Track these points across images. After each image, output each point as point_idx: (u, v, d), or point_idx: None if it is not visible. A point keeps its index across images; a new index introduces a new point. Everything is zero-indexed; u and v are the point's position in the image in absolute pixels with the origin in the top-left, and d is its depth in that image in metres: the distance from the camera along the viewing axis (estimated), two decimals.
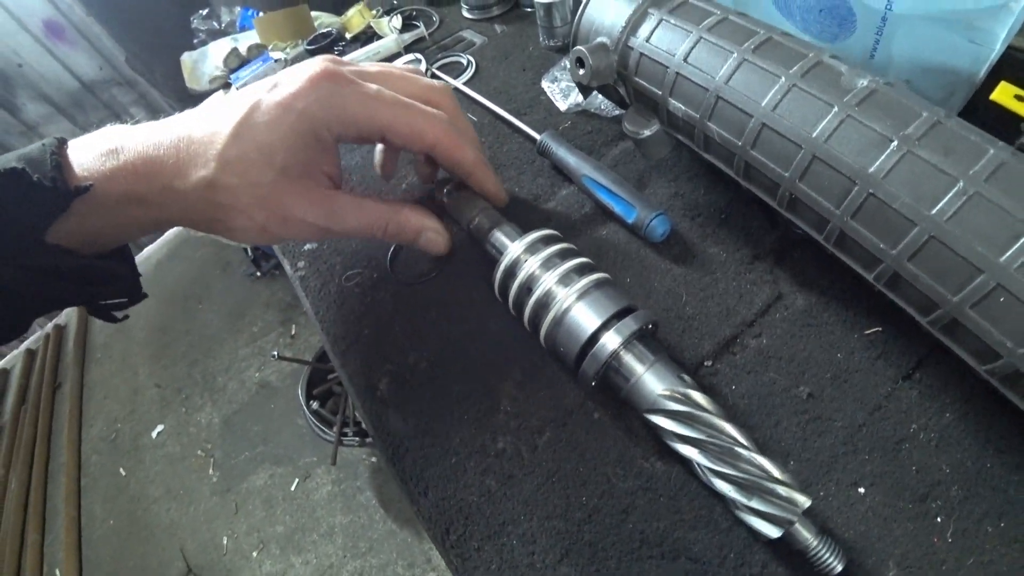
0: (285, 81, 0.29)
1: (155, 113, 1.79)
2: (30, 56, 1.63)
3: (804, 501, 0.23)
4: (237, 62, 1.11)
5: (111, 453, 1.67)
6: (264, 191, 0.29)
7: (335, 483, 1.37)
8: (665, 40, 0.31)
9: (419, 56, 0.59)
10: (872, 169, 0.25)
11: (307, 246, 0.45)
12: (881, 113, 0.25)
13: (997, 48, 0.35)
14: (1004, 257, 0.21)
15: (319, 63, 0.30)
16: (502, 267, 0.31)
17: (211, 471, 1.51)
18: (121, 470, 1.61)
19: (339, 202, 0.31)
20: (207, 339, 1.81)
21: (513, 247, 0.31)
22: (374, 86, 0.31)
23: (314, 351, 1.61)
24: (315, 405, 1.31)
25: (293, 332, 1.71)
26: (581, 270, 0.30)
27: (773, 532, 0.23)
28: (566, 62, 0.51)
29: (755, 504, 0.24)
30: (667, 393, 0.26)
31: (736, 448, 0.24)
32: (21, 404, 1.85)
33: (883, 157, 0.25)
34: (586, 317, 0.28)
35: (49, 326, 2.10)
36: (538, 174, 0.44)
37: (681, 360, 0.32)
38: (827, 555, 0.23)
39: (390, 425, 0.33)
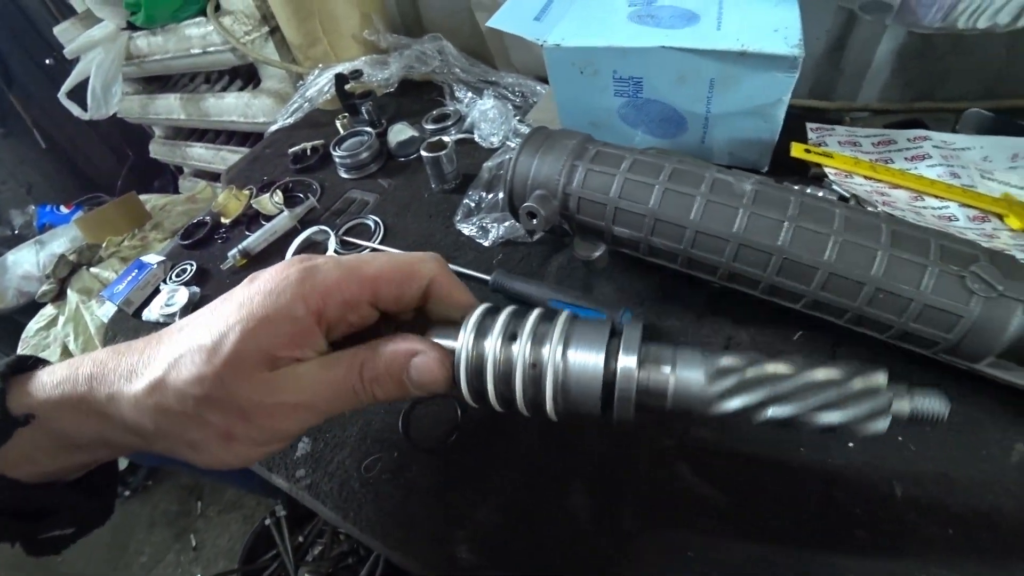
0: (258, 275, 0.27)
1: None
2: None
3: (882, 377, 0.23)
4: (68, 269, 0.99)
5: None
6: (210, 385, 0.24)
7: None
8: (597, 184, 0.39)
9: (325, 228, 0.62)
10: (780, 242, 0.35)
11: (300, 451, 0.44)
12: (768, 205, 0.36)
13: (780, 124, 0.50)
14: (872, 271, 0.33)
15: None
16: (463, 369, 0.26)
17: None
18: None
19: (297, 374, 0.26)
20: None
21: (461, 341, 0.26)
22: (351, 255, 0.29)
23: (230, 553, 1.40)
24: None
25: (194, 544, 1.46)
26: (543, 320, 0.26)
27: (883, 424, 0.23)
28: (468, 200, 0.58)
29: (853, 411, 0.23)
30: (713, 376, 0.24)
31: (798, 377, 0.23)
32: None
33: (783, 233, 0.35)
34: (589, 361, 0.24)
35: None
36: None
37: (687, 421, 0.38)
38: (931, 405, 0.23)
39: None
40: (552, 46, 0.51)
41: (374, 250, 0.58)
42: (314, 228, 0.62)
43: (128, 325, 0.63)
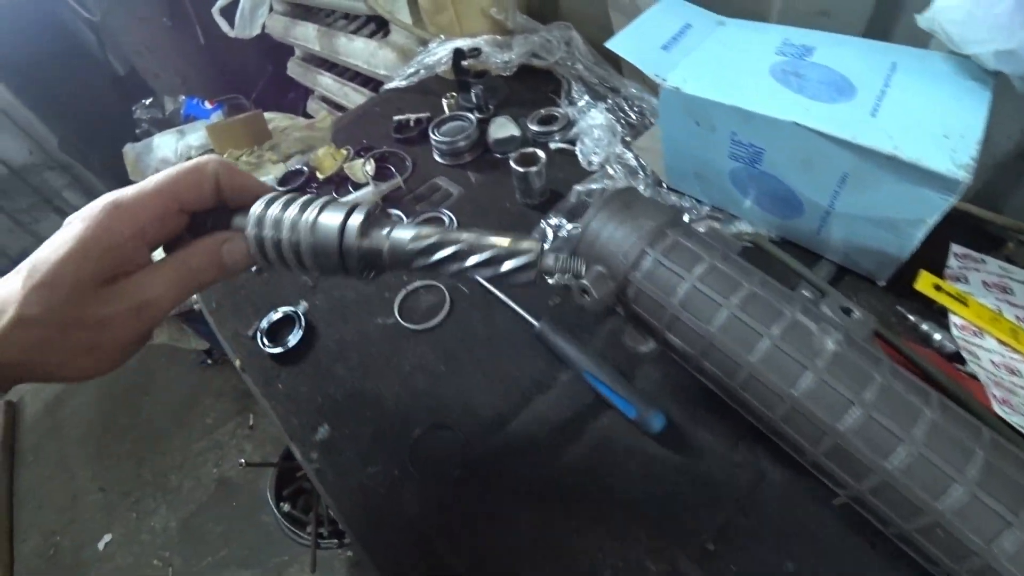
0: (73, 217, 0.30)
1: (92, 197, 1.70)
2: None
3: (534, 243, 0.30)
4: None
5: (50, 571, 1.53)
6: (63, 311, 0.29)
7: None
8: (662, 282, 0.35)
9: (401, 215, 0.62)
10: (842, 426, 0.30)
11: (319, 435, 0.46)
12: (845, 375, 0.31)
13: (916, 244, 0.42)
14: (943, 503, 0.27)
15: None
16: (254, 243, 0.32)
17: None
18: None
19: (133, 283, 0.31)
20: (155, 434, 1.71)
21: (250, 223, 0.32)
22: None
23: (276, 445, 1.56)
24: (286, 507, 1.26)
25: (251, 423, 1.65)
26: (307, 203, 0.33)
27: (529, 276, 0.30)
28: (545, 226, 0.55)
29: (509, 266, 0.30)
30: (415, 238, 0.31)
31: (478, 239, 0.30)
32: None
33: (849, 418, 0.30)
34: (331, 221, 0.31)
35: None
36: (536, 355, 0.47)
37: (686, 544, 0.37)
38: (573, 264, 0.31)
39: None
40: (671, 88, 0.46)
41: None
42: (392, 211, 0.63)
43: None
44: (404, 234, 0.31)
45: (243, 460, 1.15)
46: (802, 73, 0.45)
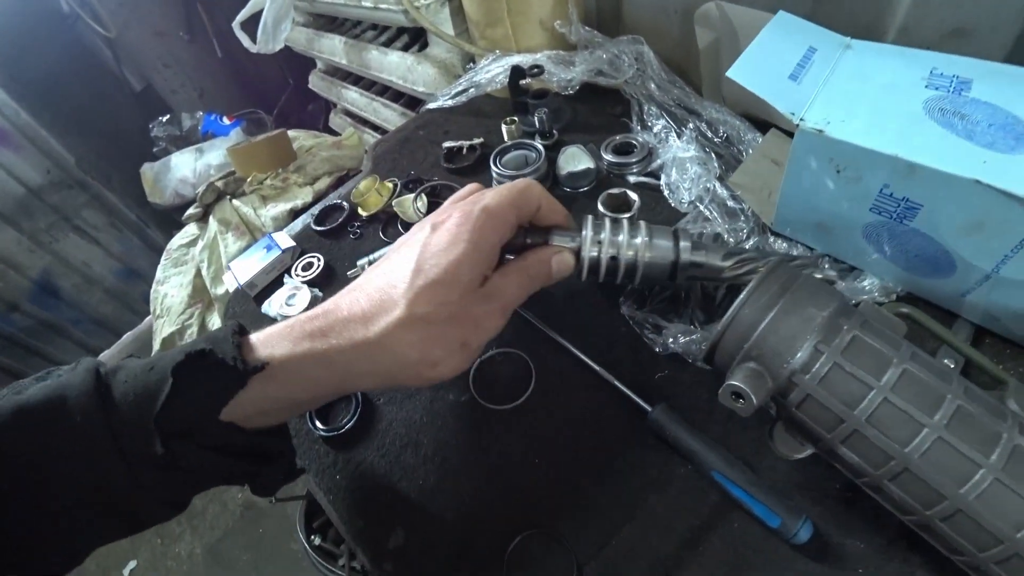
0: (444, 218, 0.34)
1: (111, 215, 1.66)
2: None
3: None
4: (214, 197, 1.02)
5: None
6: (455, 307, 0.32)
7: None
8: (841, 390, 0.28)
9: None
10: None
11: (392, 543, 0.40)
12: None
13: None
14: None
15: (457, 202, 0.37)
16: (586, 259, 0.39)
17: None
18: None
19: (496, 284, 0.35)
20: None
21: (586, 242, 0.39)
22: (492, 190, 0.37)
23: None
24: (316, 540, 1.21)
25: None
26: (632, 225, 0.40)
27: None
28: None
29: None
30: (725, 256, 0.40)
31: (760, 259, 0.40)
32: None
33: None
34: (666, 244, 0.39)
35: None
36: (645, 444, 0.40)
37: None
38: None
39: None
40: (811, 131, 0.39)
41: (520, 314, 0.50)
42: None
43: (248, 308, 0.62)
44: (718, 254, 0.40)
45: (273, 498, 1.10)
46: (965, 113, 0.37)
